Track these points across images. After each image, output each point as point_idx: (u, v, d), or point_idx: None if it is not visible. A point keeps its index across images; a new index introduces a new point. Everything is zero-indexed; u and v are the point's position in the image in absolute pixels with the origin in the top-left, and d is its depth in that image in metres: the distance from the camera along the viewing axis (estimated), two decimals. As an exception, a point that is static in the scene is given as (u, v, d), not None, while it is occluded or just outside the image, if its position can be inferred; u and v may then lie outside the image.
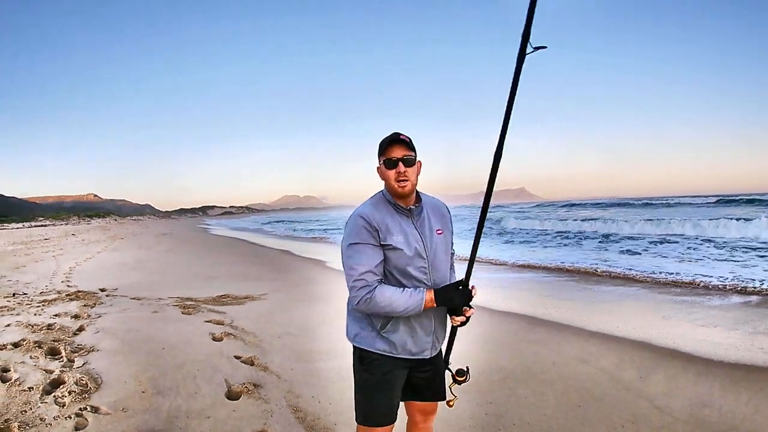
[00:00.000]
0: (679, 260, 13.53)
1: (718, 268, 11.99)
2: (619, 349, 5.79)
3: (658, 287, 10.02)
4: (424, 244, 2.46)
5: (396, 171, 2.39)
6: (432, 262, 2.48)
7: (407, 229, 2.45)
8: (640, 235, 20.45)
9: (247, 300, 8.69)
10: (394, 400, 2.55)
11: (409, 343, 2.48)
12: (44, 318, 6.73)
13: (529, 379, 4.87)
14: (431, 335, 2.52)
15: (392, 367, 2.50)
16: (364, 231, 2.41)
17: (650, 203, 58.97)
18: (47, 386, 4.20)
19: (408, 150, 2.40)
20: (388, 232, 2.42)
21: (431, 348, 2.55)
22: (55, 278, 11.82)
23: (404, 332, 2.47)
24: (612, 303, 8.52)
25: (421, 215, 2.52)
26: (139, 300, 8.52)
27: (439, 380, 2.68)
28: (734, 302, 8.26)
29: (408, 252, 2.41)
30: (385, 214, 2.45)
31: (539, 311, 7.86)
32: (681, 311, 7.67)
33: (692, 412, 4.12)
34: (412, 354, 2.50)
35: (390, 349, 2.49)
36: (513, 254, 16.94)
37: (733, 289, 9.37)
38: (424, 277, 2.46)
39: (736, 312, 7.55)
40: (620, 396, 4.45)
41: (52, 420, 3.61)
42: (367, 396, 2.53)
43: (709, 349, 5.71)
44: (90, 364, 4.82)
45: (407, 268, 2.43)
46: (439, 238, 2.53)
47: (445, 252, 2.57)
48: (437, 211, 2.62)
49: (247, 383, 4.50)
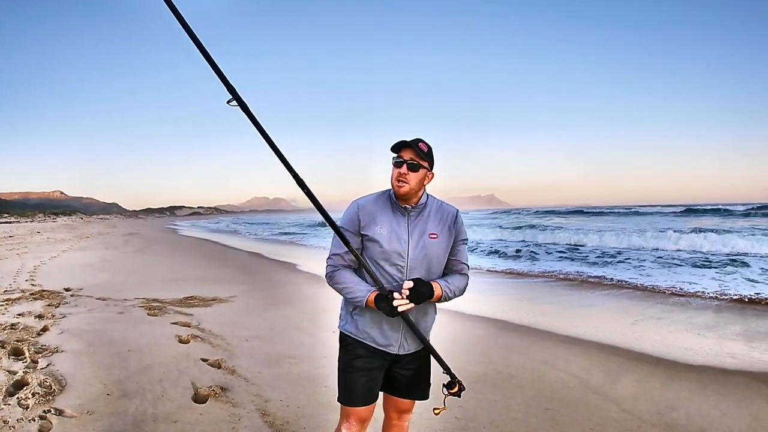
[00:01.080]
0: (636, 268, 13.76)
1: (676, 276, 12.24)
2: (588, 353, 5.86)
3: (627, 292, 10.18)
4: (408, 244, 2.50)
5: (398, 171, 2.47)
6: (412, 264, 2.50)
7: (396, 226, 2.52)
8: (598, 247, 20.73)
9: (215, 302, 8.61)
10: (369, 384, 2.58)
11: (374, 332, 2.55)
12: (7, 317, 6.59)
13: (499, 383, 4.90)
14: (399, 333, 2.56)
15: (367, 354, 2.57)
16: (351, 218, 2.57)
17: (616, 211, 59.81)
18: (10, 388, 4.11)
19: (418, 157, 2.46)
20: (373, 223, 2.52)
21: (399, 346, 2.58)
22: (19, 277, 11.59)
23: (370, 320, 2.55)
24: (581, 308, 8.63)
25: (419, 216, 2.57)
26: (104, 300, 8.39)
27: (419, 380, 2.72)
28: (701, 308, 8.41)
29: (385, 246, 2.48)
30: (380, 208, 2.56)
31: (509, 315, 7.93)
32: (650, 316, 7.79)
33: (661, 415, 4.18)
34: (379, 345, 2.56)
35: (357, 332, 2.59)
36: (481, 261, 17.08)
37: (699, 295, 9.55)
38: (399, 275, 2.49)
39: (703, 317, 7.69)
40: (589, 400, 4.50)
41: (16, 423, 3.53)
42: (342, 376, 2.62)
43: (677, 354, 5.82)
44: (54, 366, 4.73)
45: (382, 263, 2.50)
46: (430, 242, 2.54)
47: (436, 257, 2.57)
48: (442, 216, 2.63)
49: (215, 386, 4.45)
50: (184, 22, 2.22)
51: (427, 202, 2.61)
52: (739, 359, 5.63)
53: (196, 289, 9.93)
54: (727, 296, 9.38)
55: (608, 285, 11.23)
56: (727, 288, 10.23)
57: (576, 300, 9.48)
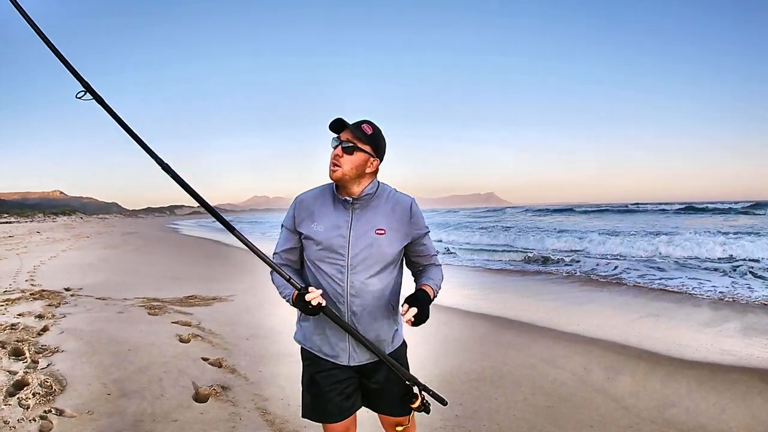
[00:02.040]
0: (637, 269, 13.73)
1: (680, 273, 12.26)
2: (587, 350, 5.87)
3: (626, 289, 10.20)
4: (349, 241, 2.30)
5: (333, 152, 2.28)
6: (353, 262, 2.30)
7: (337, 221, 2.33)
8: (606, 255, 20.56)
9: (215, 301, 8.62)
10: (337, 399, 2.41)
11: (319, 340, 2.40)
12: (7, 317, 6.59)
13: (499, 381, 4.90)
14: (346, 341, 2.35)
15: (329, 366, 2.40)
16: (290, 215, 2.46)
17: (616, 209, 59.45)
18: (11, 388, 4.11)
19: (355, 138, 2.26)
20: (310, 219, 2.37)
21: (348, 356, 2.37)
22: (18, 277, 11.58)
23: (314, 327, 2.41)
24: (580, 305, 8.65)
25: (365, 209, 2.36)
26: (104, 300, 8.39)
27: (390, 395, 2.47)
28: (699, 305, 8.43)
29: (322, 243, 2.31)
30: (321, 202, 2.40)
31: (508, 313, 7.94)
32: (649, 313, 7.81)
33: (660, 412, 4.19)
34: (327, 355, 2.39)
35: (304, 341, 2.47)
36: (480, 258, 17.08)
37: (698, 294, 9.56)
38: (339, 276, 2.30)
39: (701, 315, 7.71)
40: (589, 397, 4.51)
41: (17, 423, 3.54)
42: (307, 392, 2.48)
43: (676, 351, 5.82)
44: (54, 366, 4.74)
45: (319, 263, 2.34)
46: (376, 239, 2.32)
47: (382, 255, 2.33)
48: (393, 208, 2.40)
49: (215, 385, 4.46)
50: (28, 17, 2.09)
51: (375, 193, 2.38)
52: (737, 356, 5.64)
53: (196, 288, 9.92)
54: (725, 294, 9.38)
55: (607, 282, 11.25)
56: (726, 286, 10.23)
57: (576, 297, 9.50)
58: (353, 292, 2.31)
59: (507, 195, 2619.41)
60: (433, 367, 5.21)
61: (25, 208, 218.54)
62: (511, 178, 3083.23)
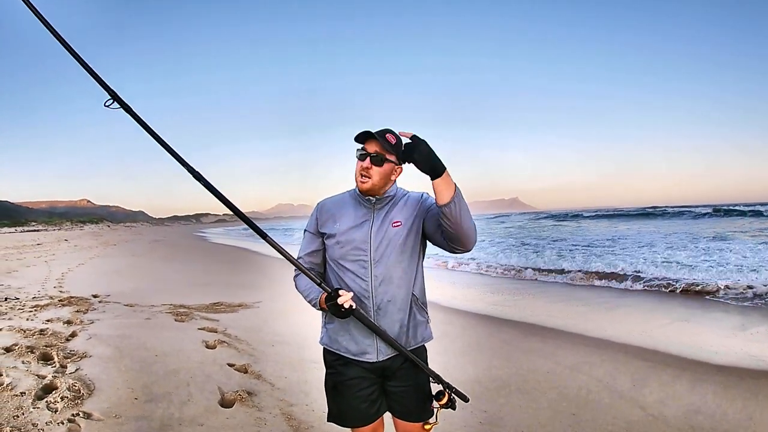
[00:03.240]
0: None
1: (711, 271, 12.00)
2: (614, 357, 5.81)
3: (653, 294, 10.09)
4: (370, 236, 2.35)
5: (361, 165, 2.31)
6: (375, 256, 2.33)
7: (359, 219, 2.39)
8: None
9: (241, 308, 8.66)
10: (363, 405, 2.42)
11: (344, 339, 2.41)
12: (36, 323, 6.67)
13: (524, 387, 4.87)
14: (372, 338, 2.36)
15: (355, 374, 2.41)
16: (312, 219, 2.52)
17: (644, 213, 58.19)
18: (39, 391, 4.16)
19: (383, 149, 2.29)
20: (332, 221, 2.41)
21: (376, 351, 2.37)
22: (47, 283, 11.75)
23: (339, 327, 2.42)
24: (606, 310, 8.56)
25: (384, 207, 2.41)
26: (131, 307, 8.47)
27: (410, 399, 2.45)
28: (729, 309, 8.30)
29: (343, 240, 2.36)
30: (343, 204, 2.45)
31: (534, 319, 7.88)
32: (676, 318, 7.71)
33: (686, 419, 4.13)
34: (353, 354, 2.39)
35: (330, 343, 2.47)
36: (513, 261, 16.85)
37: (726, 294, 9.42)
38: (363, 271, 2.33)
39: (729, 319, 7.59)
40: (614, 404, 4.46)
41: (45, 425, 3.58)
42: (332, 396, 2.50)
43: (703, 356, 5.74)
44: (82, 370, 4.78)
45: (343, 261, 2.37)
46: (393, 230, 2.36)
47: (400, 246, 2.36)
48: (407, 203, 2.45)
49: (241, 391, 4.48)
50: (53, 30, 2.11)
51: (396, 194, 2.46)
52: (766, 361, 5.54)
53: (222, 295, 9.99)
54: (753, 297, 9.20)
55: (634, 290, 11.12)
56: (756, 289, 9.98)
57: (602, 302, 9.40)
58: (377, 284, 2.33)
59: (531, 200, 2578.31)
60: (457, 372, 5.20)
61: (53, 217, 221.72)
62: (535, 182, 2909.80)
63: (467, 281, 12.99)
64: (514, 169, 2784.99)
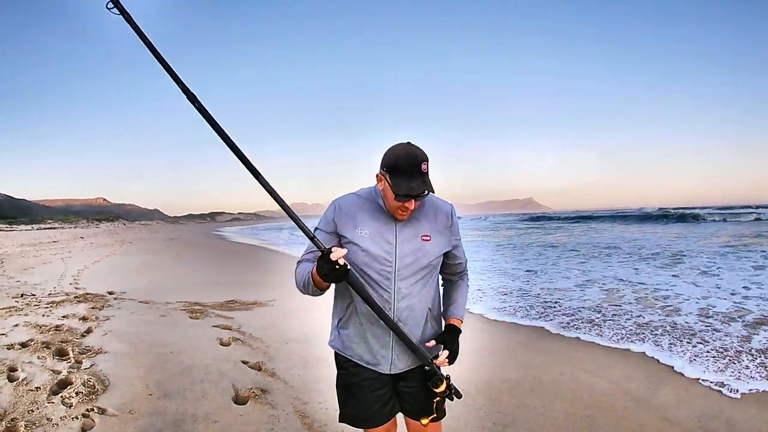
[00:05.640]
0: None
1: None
2: (628, 360, 5.76)
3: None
4: (396, 247, 2.23)
5: (404, 204, 2.14)
6: (400, 269, 2.23)
7: (382, 229, 2.25)
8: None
9: (255, 306, 8.68)
10: (377, 406, 2.39)
11: (360, 349, 2.34)
12: (52, 319, 6.73)
13: (538, 389, 4.84)
14: (389, 349, 2.29)
15: (367, 376, 2.36)
16: (327, 219, 2.34)
17: (670, 213, 54.76)
18: (54, 386, 4.20)
19: (425, 183, 2.09)
20: (353, 225, 2.28)
21: (390, 365, 2.31)
22: (63, 280, 11.84)
23: (354, 333, 2.34)
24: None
25: (411, 217, 2.29)
26: (146, 304, 8.52)
27: (423, 399, 2.36)
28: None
29: (369, 250, 2.22)
30: (363, 209, 2.31)
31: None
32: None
33: (701, 423, 4.10)
34: (368, 363, 2.33)
35: (343, 349, 2.39)
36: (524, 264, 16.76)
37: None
38: (387, 283, 2.22)
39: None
40: (628, 407, 4.43)
41: (59, 420, 3.60)
42: (343, 397, 2.45)
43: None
44: (97, 366, 4.82)
45: (365, 268, 2.23)
46: (422, 245, 2.27)
47: (428, 261, 2.28)
48: (436, 215, 2.35)
49: (255, 388, 4.49)
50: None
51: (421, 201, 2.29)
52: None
53: (237, 293, 10.03)
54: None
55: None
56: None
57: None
58: (400, 298, 2.25)
59: (546, 200, 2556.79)
60: (471, 374, 5.17)
61: (70, 215, 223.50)
62: (550, 183, 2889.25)
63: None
64: (528, 168, 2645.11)
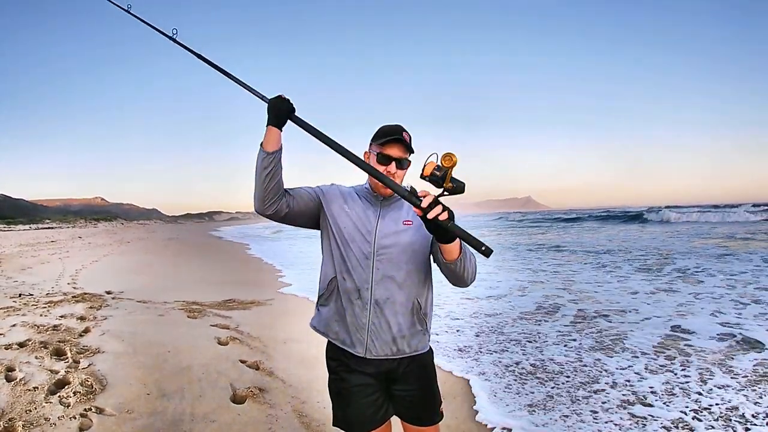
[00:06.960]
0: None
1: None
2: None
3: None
4: (376, 229, 2.27)
5: (386, 169, 2.21)
6: (378, 249, 2.25)
7: (368, 212, 2.32)
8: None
9: (253, 305, 8.67)
10: (369, 411, 2.35)
11: (337, 327, 2.35)
12: (50, 319, 6.72)
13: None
14: (364, 331, 2.27)
15: (352, 382, 2.34)
16: (323, 186, 2.41)
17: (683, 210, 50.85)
18: (52, 386, 4.19)
19: (406, 151, 2.24)
20: (342, 201, 2.34)
21: (365, 348, 2.27)
22: (61, 280, 11.82)
23: (335, 311, 2.35)
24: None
25: (393, 204, 2.34)
26: (144, 303, 8.51)
27: (419, 403, 2.40)
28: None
29: (348, 225, 2.29)
30: (353, 196, 2.38)
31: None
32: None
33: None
34: (344, 343, 2.33)
35: (323, 327, 2.43)
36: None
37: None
38: (366, 261, 2.24)
39: None
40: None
41: (57, 420, 3.59)
42: (336, 401, 2.43)
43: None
44: (95, 366, 4.80)
45: (345, 246, 2.28)
46: (403, 229, 2.28)
47: (410, 245, 2.27)
48: None
49: (253, 387, 4.48)
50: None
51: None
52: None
53: (235, 292, 10.01)
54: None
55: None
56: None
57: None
58: (378, 278, 2.25)
59: (545, 199, 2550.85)
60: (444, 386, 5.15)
61: (68, 215, 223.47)
62: (548, 181, 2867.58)
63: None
64: (528, 167, 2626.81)
